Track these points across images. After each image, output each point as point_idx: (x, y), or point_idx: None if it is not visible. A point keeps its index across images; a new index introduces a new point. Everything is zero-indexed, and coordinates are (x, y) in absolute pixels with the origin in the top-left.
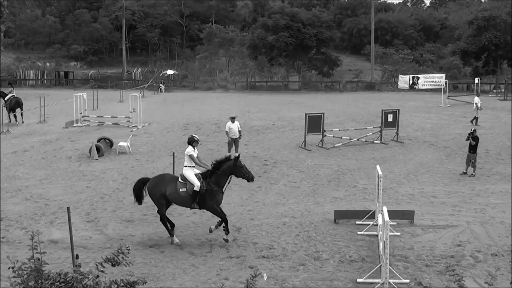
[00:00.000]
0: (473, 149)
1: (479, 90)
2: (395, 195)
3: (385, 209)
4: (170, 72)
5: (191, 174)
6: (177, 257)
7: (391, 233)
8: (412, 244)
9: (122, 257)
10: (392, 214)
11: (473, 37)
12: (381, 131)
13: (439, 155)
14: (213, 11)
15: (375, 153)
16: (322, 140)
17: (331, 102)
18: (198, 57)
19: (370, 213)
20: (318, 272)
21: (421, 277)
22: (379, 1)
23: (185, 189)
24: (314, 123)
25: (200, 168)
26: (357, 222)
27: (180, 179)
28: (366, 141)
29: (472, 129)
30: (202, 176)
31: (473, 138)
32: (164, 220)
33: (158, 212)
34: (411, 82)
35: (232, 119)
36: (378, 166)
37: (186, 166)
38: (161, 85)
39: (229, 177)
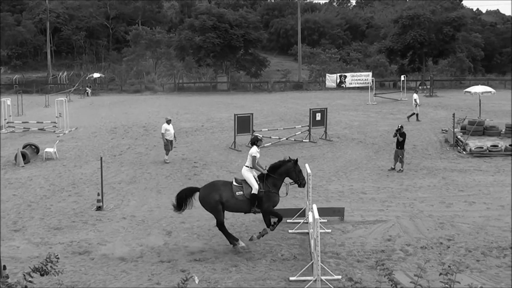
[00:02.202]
0: (400, 145)
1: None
2: (325, 193)
3: (315, 206)
4: (96, 75)
5: (251, 176)
6: (108, 263)
7: (322, 231)
8: (343, 240)
9: (51, 266)
10: (322, 212)
11: (398, 35)
12: (309, 130)
13: (367, 152)
14: (139, 13)
15: (304, 151)
16: None
17: (259, 102)
18: (125, 60)
19: (300, 211)
20: (250, 273)
21: (352, 272)
22: (306, 1)
23: (241, 192)
24: (243, 124)
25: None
26: (288, 221)
27: (234, 183)
28: (295, 140)
29: (399, 125)
30: (259, 179)
31: (401, 134)
32: (224, 227)
33: (216, 219)
34: (338, 80)
35: (168, 121)
36: (307, 165)
37: (247, 167)
38: (87, 88)
39: (284, 179)
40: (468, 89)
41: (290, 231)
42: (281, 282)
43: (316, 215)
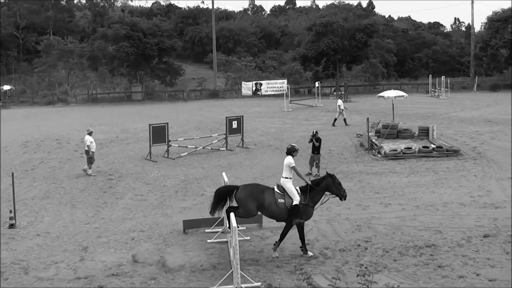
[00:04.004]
0: (317, 150)
1: (341, 93)
2: None
3: (232, 215)
4: (6, 87)
5: (292, 187)
6: (22, 283)
7: (241, 238)
8: (262, 247)
9: None
10: (241, 220)
11: (312, 42)
12: (226, 138)
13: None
14: (50, 23)
15: (222, 160)
16: (167, 151)
17: (175, 111)
18: (36, 71)
19: (218, 220)
20: (170, 285)
21: (272, 278)
22: (220, 9)
23: (283, 200)
24: (159, 134)
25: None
26: (206, 231)
27: (277, 189)
28: (211, 148)
29: (314, 130)
30: (301, 191)
31: (316, 139)
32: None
33: (241, 216)
34: (254, 88)
35: (90, 133)
36: (224, 173)
37: (286, 178)
38: None
39: (324, 194)
40: (381, 94)
41: (208, 240)
42: None
43: (234, 223)
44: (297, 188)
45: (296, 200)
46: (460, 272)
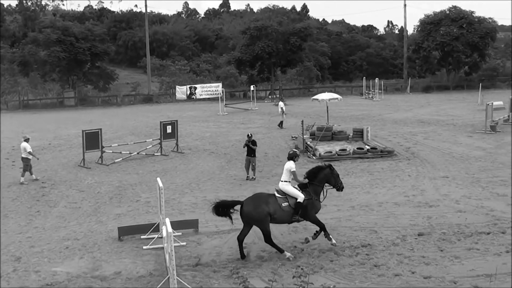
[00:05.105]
0: (253, 152)
1: (282, 96)
2: (179, 206)
3: (167, 220)
4: None
5: (292, 188)
6: None
7: (177, 244)
8: (198, 252)
9: None
10: (176, 225)
11: (247, 46)
12: (160, 143)
13: (219, 162)
14: None
15: (156, 165)
16: (101, 157)
17: (109, 117)
18: None
19: (154, 226)
20: None
21: (209, 283)
22: (154, 13)
23: (287, 203)
24: (92, 140)
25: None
26: (142, 237)
27: (277, 194)
28: (146, 154)
29: (249, 133)
30: (301, 188)
31: (252, 142)
32: (271, 239)
33: (263, 232)
34: (188, 92)
35: (27, 140)
36: (158, 178)
37: (285, 181)
38: None
39: (323, 186)
40: (315, 97)
41: (144, 247)
42: None
43: (170, 229)
44: (296, 186)
45: (301, 198)
46: (396, 271)
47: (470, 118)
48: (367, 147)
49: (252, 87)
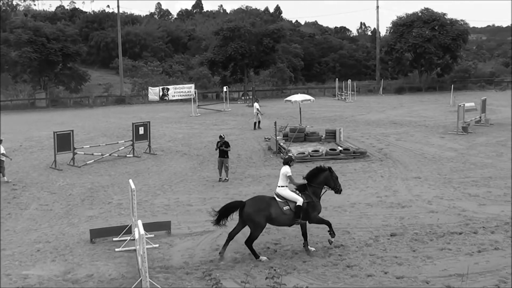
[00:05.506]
0: (226, 153)
1: (256, 97)
2: (151, 207)
3: (139, 222)
4: None
5: (290, 192)
6: None
7: (149, 246)
8: (171, 254)
9: None
10: (149, 227)
11: (219, 47)
12: (133, 145)
13: (192, 163)
14: None
15: (129, 167)
16: (73, 158)
17: (81, 118)
18: None
19: (126, 228)
20: None
21: (182, 285)
22: (126, 13)
23: (288, 207)
24: (64, 141)
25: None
26: (114, 239)
27: (278, 198)
28: (118, 155)
29: (221, 134)
30: (300, 191)
31: (225, 144)
32: (252, 244)
33: (251, 236)
34: (161, 93)
35: (0, 141)
36: (130, 180)
37: (282, 186)
38: None
39: (322, 188)
40: (288, 98)
41: (116, 249)
42: None
43: (142, 231)
44: (294, 190)
45: (300, 201)
46: (369, 271)
47: (442, 119)
48: (340, 148)
49: (225, 88)
